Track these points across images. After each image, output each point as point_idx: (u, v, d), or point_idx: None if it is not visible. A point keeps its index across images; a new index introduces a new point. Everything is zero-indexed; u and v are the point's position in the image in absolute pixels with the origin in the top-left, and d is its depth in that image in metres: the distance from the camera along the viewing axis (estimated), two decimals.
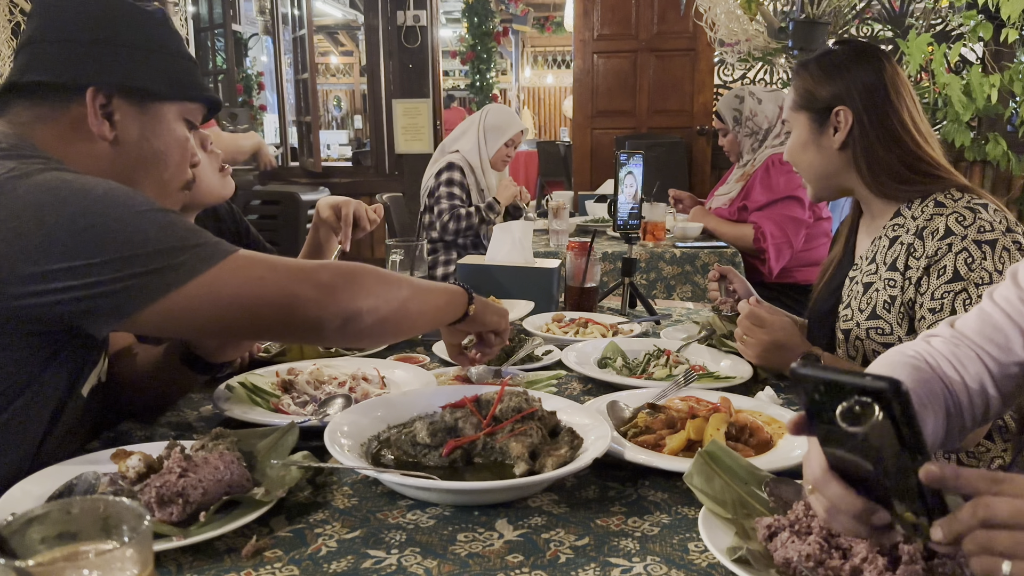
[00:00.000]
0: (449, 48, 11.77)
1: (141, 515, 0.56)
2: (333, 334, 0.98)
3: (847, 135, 1.44)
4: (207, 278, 0.91)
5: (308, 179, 6.23)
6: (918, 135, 1.43)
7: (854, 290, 1.49)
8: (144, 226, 0.89)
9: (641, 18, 5.95)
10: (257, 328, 0.99)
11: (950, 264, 1.32)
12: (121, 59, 1.05)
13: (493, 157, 3.44)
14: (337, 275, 0.97)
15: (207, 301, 0.91)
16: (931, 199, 1.40)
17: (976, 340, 0.98)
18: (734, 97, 3.19)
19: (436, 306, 1.15)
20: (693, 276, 2.91)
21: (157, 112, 1.09)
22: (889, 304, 1.40)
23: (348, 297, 0.96)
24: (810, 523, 0.77)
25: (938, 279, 1.33)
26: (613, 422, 1.12)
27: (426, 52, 6.00)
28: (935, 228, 1.35)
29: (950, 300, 1.30)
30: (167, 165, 1.12)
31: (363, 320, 0.97)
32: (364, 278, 0.99)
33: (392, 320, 1.02)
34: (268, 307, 0.94)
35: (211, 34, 6.44)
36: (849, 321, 1.48)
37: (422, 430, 1.01)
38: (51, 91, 1.03)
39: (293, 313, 0.94)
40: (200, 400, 1.30)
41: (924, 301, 1.34)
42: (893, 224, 1.45)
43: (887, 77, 1.43)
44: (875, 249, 1.47)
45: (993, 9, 3.13)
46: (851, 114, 1.43)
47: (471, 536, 0.86)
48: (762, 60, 5.37)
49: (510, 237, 2.03)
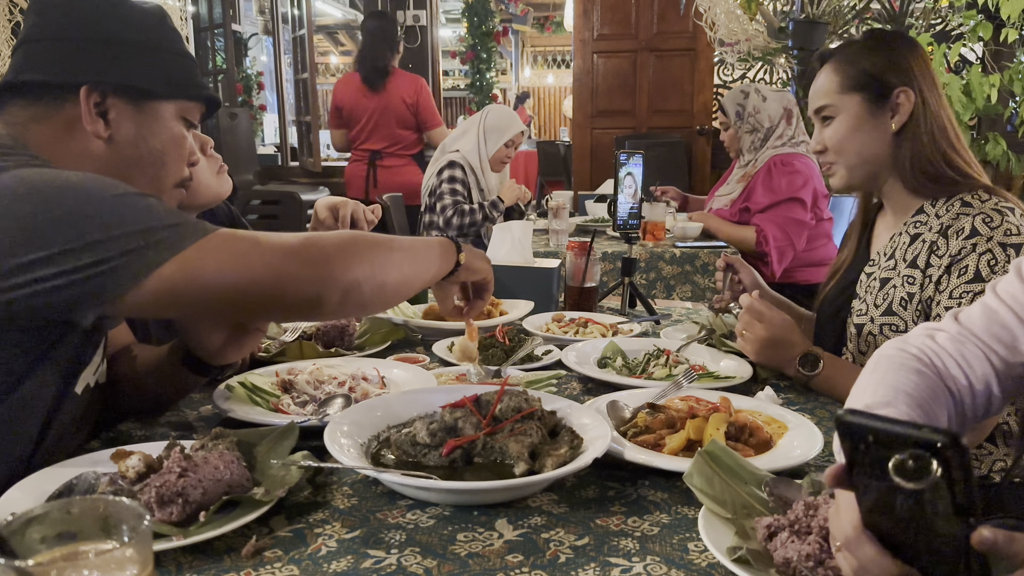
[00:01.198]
0: (449, 48, 11.77)
1: (141, 515, 0.56)
2: (334, 308, 0.96)
3: (908, 118, 1.40)
4: (187, 256, 0.89)
5: (308, 179, 6.24)
6: (955, 131, 1.41)
7: (870, 285, 1.47)
8: (121, 208, 0.89)
9: (641, 18, 5.96)
10: (248, 308, 0.97)
11: (972, 264, 1.30)
12: (116, 57, 1.04)
13: (493, 157, 3.45)
14: (329, 247, 0.94)
15: (190, 281, 0.89)
16: (957, 198, 1.38)
17: (983, 338, 0.95)
18: (740, 92, 3.19)
19: (430, 261, 1.12)
20: (693, 276, 2.91)
21: (153, 110, 1.09)
22: (906, 301, 1.39)
23: (343, 268, 0.94)
24: (810, 523, 0.77)
25: (958, 278, 1.31)
26: (613, 422, 1.12)
27: (426, 52, 6.01)
28: (960, 227, 1.33)
29: (968, 301, 1.28)
30: (164, 163, 1.12)
31: (362, 290, 0.96)
32: (356, 246, 0.97)
33: (391, 284, 1.01)
34: (255, 286, 0.92)
35: (211, 34, 6.44)
36: (863, 316, 1.46)
37: (422, 430, 1.01)
38: (46, 90, 1.02)
39: (285, 291, 0.92)
40: (200, 400, 1.30)
41: (942, 299, 1.32)
42: (915, 220, 1.43)
43: (931, 65, 1.41)
44: (895, 245, 1.46)
45: (993, 9, 3.14)
46: (913, 95, 1.40)
47: (471, 536, 0.86)
48: (762, 60, 5.37)
49: (510, 237, 2.04)
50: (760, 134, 3.15)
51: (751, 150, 3.19)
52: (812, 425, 1.11)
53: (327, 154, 7.03)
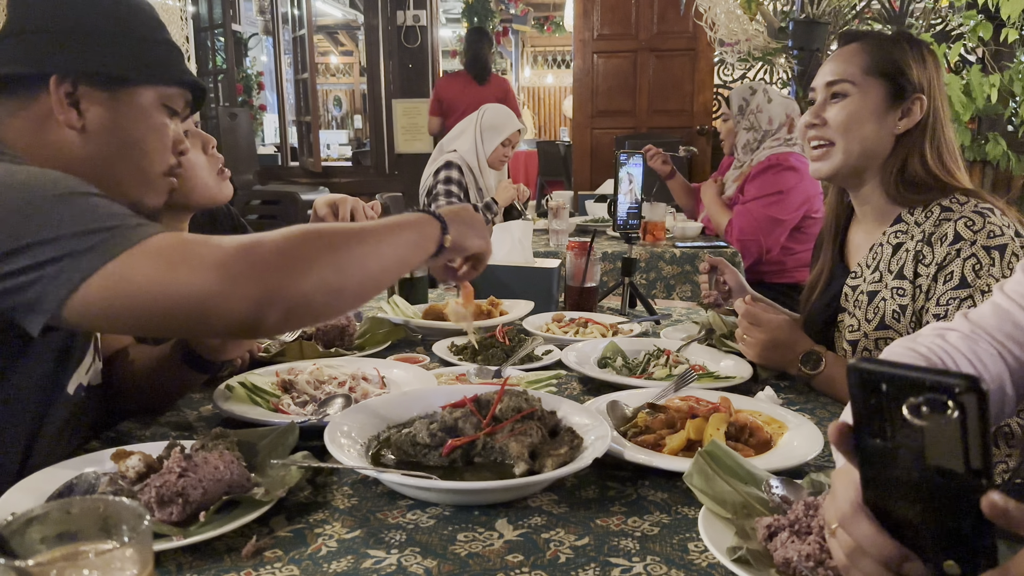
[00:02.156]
0: (449, 48, 11.77)
1: (141, 515, 0.56)
2: (276, 326, 0.82)
3: (914, 126, 1.40)
4: (119, 264, 0.80)
5: (308, 179, 6.24)
6: (952, 147, 1.41)
7: (857, 300, 1.46)
8: (61, 210, 0.82)
9: (641, 18, 5.96)
10: (178, 328, 0.88)
11: (958, 270, 1.30)
12: (85, 45, 1.02)
13: (490, 157, 3.44)
14: (270, 255, 0.81)
15: (119, 292, 0.80)
16: (935, 204, 1.37)
17: (997, 336, 0.94)
18: (748, 88, 3.19)
19: (402, 251, 0.97)
20: (693, 276, 2.91)
21: (129, 98, 1.05)
22: (899, 314, 1.38)
23: (286, 280, 0.80)
24: (810, 523, 0.77)
25: (944, 285, 1.30)
26: (613, 422, 1.12)
27: (426, 52, 6.01)
28: (943, 233, 1.32)
29: (955, 308, 1.28)
30: (145, 152, 1.07)
31: (312, 302, 0.82)
32: (307, 249, 0.83)
33: (352, 288, 0.87)
34: (180, 303, 0.79)
35: (211, 34, 6.44)
36: (856, 332, 1.45)
37: (422, 430, 1.01)
38: (18, 84, 1.01)
39: (210, 311, 0.79)
40: (200, 400, 1.30)
41: (930, 307, 1.32)
42: (895, 231, 1.42)
43: (943, 84, 1.40)
44: (877, 257, 1.45)
45: (993, 9, 3.14)
46: (926, 106, 1.39)
47: (471, 536, 0.86)
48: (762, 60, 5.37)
49: (510, 237, 2.04)
50: (757, 135, 3.14)
51: (746, 151, 3.17)
52: (812, 425, 1.11)
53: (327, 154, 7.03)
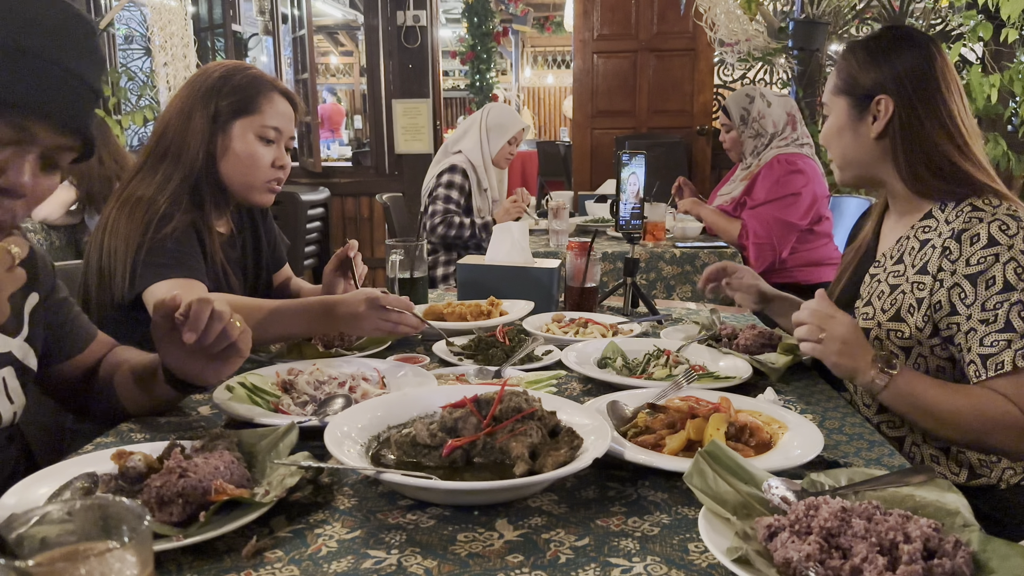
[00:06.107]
0: (449, 48, 11.77)
1: (141, 515, 0.56)
2: None
3: (886, 125, 1.40)
4: None
5: (308, 179, 6.23)
6: (965, 132, 1.39)
7: (877, 288, 1.45)
8: None
9: (641, 18, 5.96)
10: None
11: (999, 275, 1.27)
12: None
13: (496, 156, 3.45)
14: None
15: None
16: (966, 203, 1.36)
17: None
18: (744, 96, 3.19)
19: None
20: (693, 276, 2.91)
21: None
22: (915, 308, 1.36)
23: None
24: (810, 523, 0.77)
25: (987, 290, 1.27)
26: (613, 422, 1.12)
27: (426, 52, 6.00)
28: (975, 234, 1.30)
29: (1004, 311, 1.25)
30: None
31: None
32: None
33: None
34: None
35: (211, 34, 6.44)
36: (869, 320, 1.44)
37: (422, 430, 1.01)
38: None
39: None
40: (200, 400, 1.30)
41: (973, 312, 1.28)
42: (923, 225, 1.42)
43: (937, 67, 1.39)
44: (902, 249, 1.44)
45: (993, 9, 3.14)
46: (892, 104, 1.39)
47: (471, 536, 0.86)
48: (762, 60, 5.37)
49: (510, 237, 2.04)
50: (764, 139, 3.17)
51: (754, 153, 3.20)
52: (812, 426, 1.11)
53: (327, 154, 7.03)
